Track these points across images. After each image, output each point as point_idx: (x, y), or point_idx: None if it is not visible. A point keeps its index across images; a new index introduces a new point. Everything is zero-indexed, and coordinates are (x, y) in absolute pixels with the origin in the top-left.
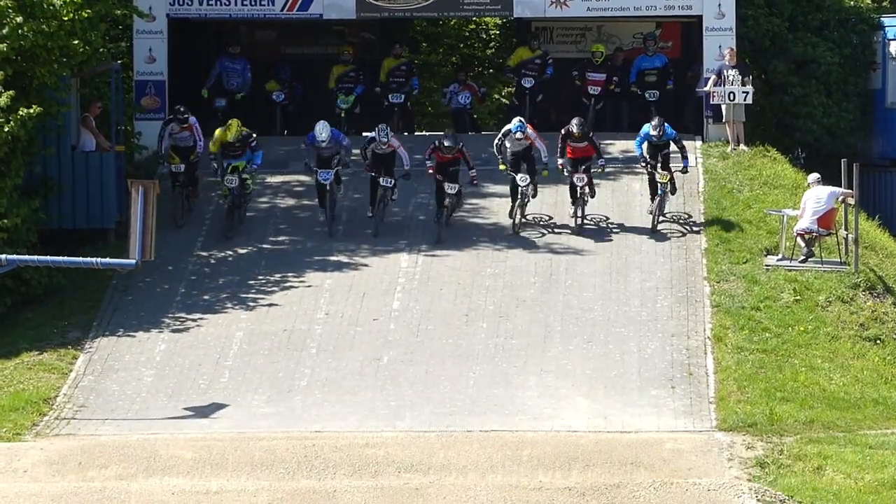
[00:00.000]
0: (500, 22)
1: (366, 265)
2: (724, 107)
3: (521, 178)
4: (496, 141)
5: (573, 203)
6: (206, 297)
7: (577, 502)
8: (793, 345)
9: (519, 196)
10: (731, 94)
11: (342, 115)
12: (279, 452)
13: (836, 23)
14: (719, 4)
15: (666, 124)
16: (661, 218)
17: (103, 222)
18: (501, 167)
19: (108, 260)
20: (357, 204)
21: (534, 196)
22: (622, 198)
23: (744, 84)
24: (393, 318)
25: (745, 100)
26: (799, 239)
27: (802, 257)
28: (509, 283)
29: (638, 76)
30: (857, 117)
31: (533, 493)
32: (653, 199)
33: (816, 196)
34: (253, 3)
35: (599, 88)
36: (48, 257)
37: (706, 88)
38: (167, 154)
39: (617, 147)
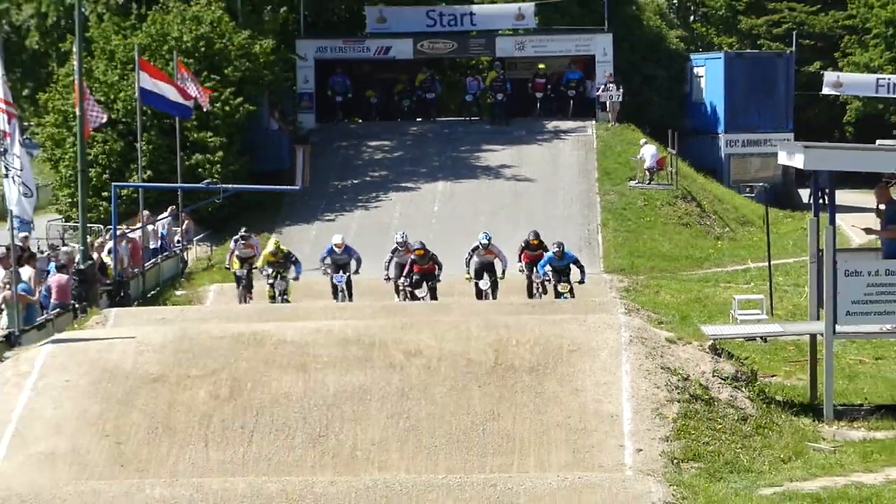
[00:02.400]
0: (488, 59)
1: (418, 188)
2: (607, 103)
3: (483, 283)
4: (466, 255)
5: (529, 297)
6: (337, 205)
7: (520, 310)
8: (643, 227)
9: (483, 297)
10: (610, 96)
11: (405, 109)
12: (367, 284)
13: (667, 58)
14: (604, 49)
15: (565, 249)
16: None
17: (281, 166)
18: (466, 277)
19: (283, 186)
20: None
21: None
22: (553, 151)
23: (617, 90)
24: (434, 215)
25: (618, 99)
26: (647, 172)
27: (648, 181)
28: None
29: (566, 82)
30: (677, 108)
31: (505, 306)
32: None
33: (649, 149)
34: (361, 51)
35: (542, 89)
36: (252, 185)
37: (598, 93)
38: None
39: (552, 124)
